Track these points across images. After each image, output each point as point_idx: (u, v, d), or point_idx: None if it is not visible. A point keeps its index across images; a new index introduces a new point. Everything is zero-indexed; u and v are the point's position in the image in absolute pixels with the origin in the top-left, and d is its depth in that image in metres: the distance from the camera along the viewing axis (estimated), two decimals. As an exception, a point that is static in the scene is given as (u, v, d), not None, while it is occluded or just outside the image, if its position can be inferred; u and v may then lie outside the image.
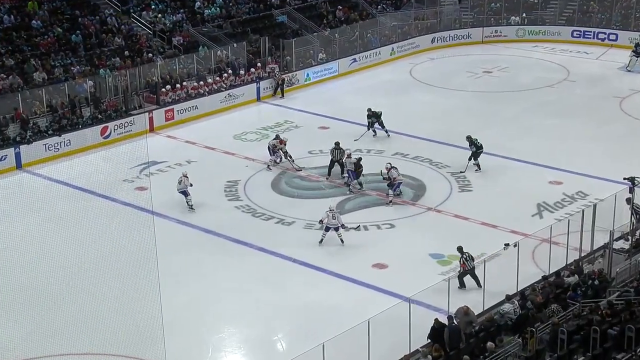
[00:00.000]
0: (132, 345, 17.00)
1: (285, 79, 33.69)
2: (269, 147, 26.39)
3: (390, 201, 23.61)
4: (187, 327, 17.83)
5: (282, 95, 33.36)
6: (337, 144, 25.50)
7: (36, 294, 19.10)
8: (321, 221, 21.46)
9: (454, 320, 15.76)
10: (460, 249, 19.14)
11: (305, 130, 29.73)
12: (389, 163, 24.17)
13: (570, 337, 14.38)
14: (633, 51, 35.40)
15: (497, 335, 15.50)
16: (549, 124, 29.38)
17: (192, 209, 23.20)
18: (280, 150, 26.21)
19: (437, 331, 15.54)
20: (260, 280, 19.74)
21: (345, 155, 24.92)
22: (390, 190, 23.63)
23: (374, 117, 28.45)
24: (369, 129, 28.46)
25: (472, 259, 19.00)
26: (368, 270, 20.01)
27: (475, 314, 16.40)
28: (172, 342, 16.04)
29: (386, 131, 28.49)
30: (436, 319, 15.76)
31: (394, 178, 23.57)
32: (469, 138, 25.75)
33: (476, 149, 25.47)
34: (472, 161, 25.49)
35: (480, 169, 25.46)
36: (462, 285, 18.88)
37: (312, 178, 25.55)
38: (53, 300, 18.94)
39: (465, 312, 15.99)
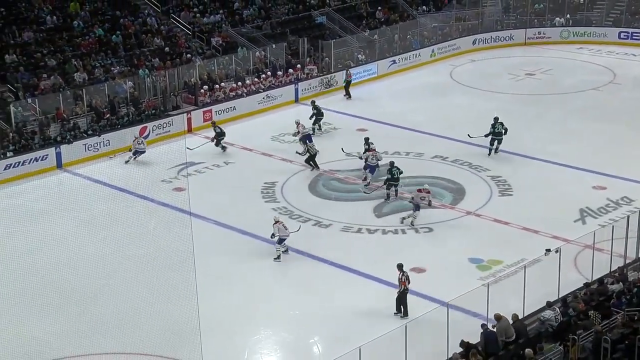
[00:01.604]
0: (169, 345, 17.19)
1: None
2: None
3: (368, 183, 24.70)
4: (223, 328, 17.96)
5: (349, 96, 33.35)
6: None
7: (74, 293, 19.42)
8: (273, 235, 20.85)
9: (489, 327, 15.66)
10: (400, 265, 18.25)
11: (343, 132, 29.78)
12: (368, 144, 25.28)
13: (614, 346, 14.23)
14: None
15: (538, 342, 15.39)
16: (593, 128, 29.08)
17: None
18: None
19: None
20: (296, 282, 19.83)
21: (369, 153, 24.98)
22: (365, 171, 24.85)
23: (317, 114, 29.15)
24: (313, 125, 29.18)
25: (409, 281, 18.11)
26: (406, 274, 19.99)
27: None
28: (208, 343, 16.15)
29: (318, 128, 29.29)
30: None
31: (366, 159, 24.75)
32: (495, 119, 26.82)
33: (493, 132, 26.65)
34: (491, 140, 26.68)
35: (496, 152, 26.76)
36: (401, 310, 17.94)
37: (349, 180, 25.57)
38: (90, 299, 19.23)
39: (498, 318, 15.89)
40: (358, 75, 35.37)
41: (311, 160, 26.34)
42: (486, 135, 26.85)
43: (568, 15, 40.49)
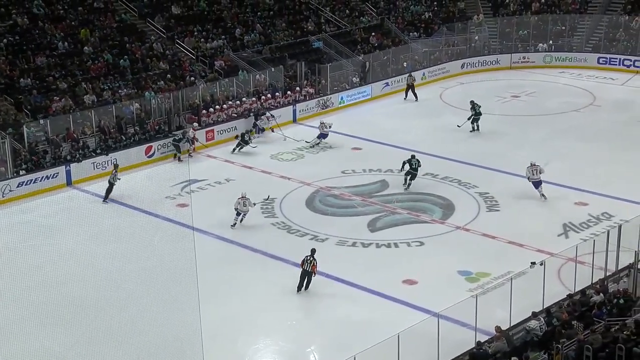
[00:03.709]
0: (172, 354, 17.10)
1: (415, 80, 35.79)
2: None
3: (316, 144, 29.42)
4: (225, 338, 17.87)
5: (416, 98, 35.23)
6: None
7: (83, 304, 19.31)
8: (236, 208, 22.96)
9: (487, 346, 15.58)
10: (313, 251, 19.65)
11: (339, 151, 29.79)
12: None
13: (596, 354, 14.19)
14: None
15: (524, 351, 15.33)
16: (575, 147, 29.11)
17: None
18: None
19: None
20: (295, 294, 19.73)
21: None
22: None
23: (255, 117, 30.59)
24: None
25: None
26: (398, 286, 19.91)
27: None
28: (210, 353, 16.08)
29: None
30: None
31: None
32: (471, 102, 30.72)
33: (475, 114, 30.51)
34: (470, 122, 30.46)
35: (478, 129, 30.61)
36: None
37: (344, 196, 25.56)
38: (98, 310, 19.13)
39: (497, 336, 15.84)
40: (353, 97, 35.48)
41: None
42: (469, 118, 30.52)
43: (550, 41, 40.68)
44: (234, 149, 29.70)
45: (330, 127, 30.15)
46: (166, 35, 35.55)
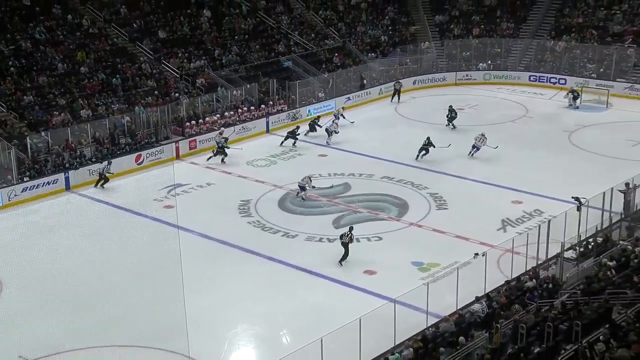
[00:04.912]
0: (160, 339, 16.99)
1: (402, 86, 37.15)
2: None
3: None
4: (207, 324, 17.76)
5: (394, 99, 36.69)
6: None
7: (79, 296, 19.10)
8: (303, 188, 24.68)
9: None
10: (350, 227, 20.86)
11: (307, 158, 29.76)
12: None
13: (529, 331, 14.36)
14: (570, 92, 35.71)
15: (469, 330, 15.48)
16: (511, 153, 29.38)
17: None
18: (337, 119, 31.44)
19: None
20: (269, 284, 19.69)
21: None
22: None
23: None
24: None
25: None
26: (360, 276, 19.97)
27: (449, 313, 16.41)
28: (194, 337, 16.00)
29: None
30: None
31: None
32: (449, 107, 32.51)
33: (453, 114, 32.34)
34: (449, 122, 32.19)
35: (454, 127, 32.19)
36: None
37: (312, 197, 25.55)
38: (92, 301, 18.91)
39: (446, 318, 16.02)
40: (319, 110, 35.48)
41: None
42: (448, 117, 32.47)
43: (489, 61, 41.02)
44: (282, 142, 30.67)
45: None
46: (153, 57, 35.24)
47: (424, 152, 28.55)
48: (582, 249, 18.90)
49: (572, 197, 20.17)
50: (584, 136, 31.37)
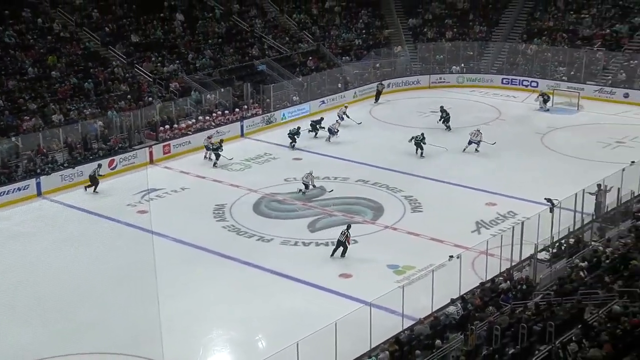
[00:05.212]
0: (135, 345, 16.80)
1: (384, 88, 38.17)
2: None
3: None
4: (182, 330, 17.61)
5: (377, 101, 37.60)
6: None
7: (52, 302, 18.84)
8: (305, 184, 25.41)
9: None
10: (348, 225, 21.52)
11: (282, 161, 29.73)
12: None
13: (503, 333, 14.47)
14: (540, 95, 36.15)
15: (444, 332, 15.54)
16: (484, 156, 29.63)
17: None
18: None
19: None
20: (244, 289, 19.61)
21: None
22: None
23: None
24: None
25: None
26: (335, 280, 19.95)
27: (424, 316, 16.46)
28: (168, 342, 15.87)
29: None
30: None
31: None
32: (441, 107, 32.99)
33: (445, 115, 32.64)
34: (443, 123, 32.53)
35: (450, 129, 32.45)
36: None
37: (287, 201, 25.52)
38: (65, 308, 18.67)
39: (421, 320, 16.05)
40: (294, 114, 35.46)
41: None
42: (440, 120, 32.74)
43: (462, 65, 41.37)
44: (315, 134, 32.03)
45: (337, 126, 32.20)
46: (126, 61, 34.94)
47: (420, 149, 29.52)
48: (554, 250, 19.10)
49: (545, 199, 20.35)
50: (556, 138, 31.72)
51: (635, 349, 12.62)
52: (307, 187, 25.71)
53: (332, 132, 31.92)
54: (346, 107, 34.68)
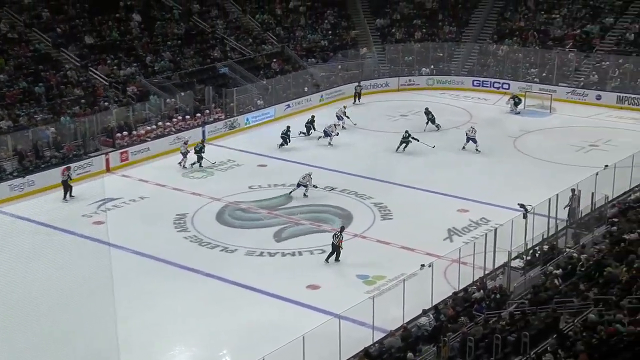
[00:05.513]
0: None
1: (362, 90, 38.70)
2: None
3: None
4: (141, 347, 17.40)
5: (356, 101, 38.24)
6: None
7: (4, 321, 18.41)
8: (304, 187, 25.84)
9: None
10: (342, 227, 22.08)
11: (246, 168, 29.62)
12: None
13: (477, 344, 14.56)
14: (511, 98, 36.64)
15: (416, 345, 15.59)
16: (455, 160, 29.89)
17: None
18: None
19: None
20: (207, 302, 19.45)
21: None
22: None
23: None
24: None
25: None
26: (303, 291, 19.92)
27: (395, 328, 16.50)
28: (128, 361, 15.65)
29: None
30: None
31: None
32: (426, 109, 33.70)
33: (431, 117, 33.38)
34: (431, 124, 33.22)
35: (439, 128, 33.38)
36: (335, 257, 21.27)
37: (252, 210, 25.42)
38: (19, 325, 18.26)
39: (392, 333, 16.09)
40: (258, 118, 35.38)
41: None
42: (428, 122, 33.27)
43: (432, 66, 41.74)
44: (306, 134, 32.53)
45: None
46: (80, 64, 34.51)
47: (404, 144, 30.41)
48: (528, 258, 19.31)
49: (518, 204, 20.55)
50: (529, 142, 32.16)
51: (612, 359, 12.80)
52: (305, 187, 26.00)
53: (328, 133, 31.92)
54: (345, 107, 34.82)
